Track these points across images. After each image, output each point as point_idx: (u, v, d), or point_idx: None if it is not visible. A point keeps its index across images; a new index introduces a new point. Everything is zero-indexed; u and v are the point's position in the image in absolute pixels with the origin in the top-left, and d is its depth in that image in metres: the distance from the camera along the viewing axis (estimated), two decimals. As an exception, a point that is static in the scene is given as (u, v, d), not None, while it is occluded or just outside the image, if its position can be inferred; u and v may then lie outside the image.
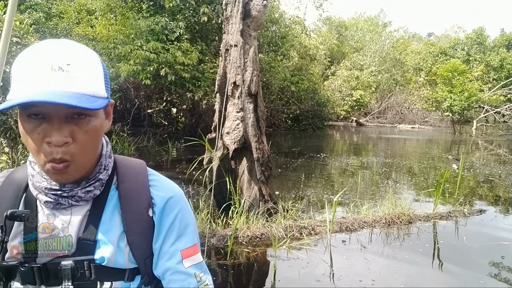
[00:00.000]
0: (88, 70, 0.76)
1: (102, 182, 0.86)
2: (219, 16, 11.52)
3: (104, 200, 0.86)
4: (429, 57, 31.79)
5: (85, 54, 0.77)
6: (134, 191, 0.88)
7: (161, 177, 0.94)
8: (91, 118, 0.78)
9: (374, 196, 6.66)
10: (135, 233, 0.85)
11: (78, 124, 0.76)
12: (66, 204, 0.82)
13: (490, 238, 4.85)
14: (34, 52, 0.74)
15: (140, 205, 0.86)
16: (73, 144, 0.76)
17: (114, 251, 0.83)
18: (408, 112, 27.51)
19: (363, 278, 3.66)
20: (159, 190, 0.90)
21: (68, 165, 0.77)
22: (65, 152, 0.75)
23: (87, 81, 0.75)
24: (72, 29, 13.32)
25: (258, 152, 4.96)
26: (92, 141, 0.80)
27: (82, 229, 0.82)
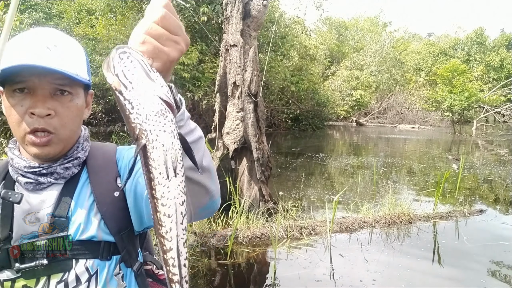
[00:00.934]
0: (73, 53, 0.83)
1: (80, 161, 0.89)
2: (219, 16, 11.52)
3: (77, 179, 0.88)
4: (429, 57, 31.79)
5: (70, 41, 0.85)
6: (102, 164, 0.91)
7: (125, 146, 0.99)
8: (73, 97, 0.83)
9: (374, 196, 6.66)
10: (106, 204, 0.86)
11: (61, 100, 0.81)
12: (46, 183, 0.84)
13: (490, 238, 4.85)
14: (23, 35, 0.82)
15: (108, 176, 0.89)
16: (55, 117, 0.80)
17: (85, 221, 0.84)
18: (408, 112, 27.51)
19: (363, 278, 3.66)
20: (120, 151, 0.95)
21: (51, 138, 0.80)
22: (48, 123, 0.79)
23: (72, 62, 0.81)
24: (72, 29, 13.32)
25: (258, 152, 4.96)
26: (73, 118, 0.84)
27: (54, 207, 0.83)
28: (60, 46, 0.80)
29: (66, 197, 0.85)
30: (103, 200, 0.86)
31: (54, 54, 0.77)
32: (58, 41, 0.81)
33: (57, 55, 0.78)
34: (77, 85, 0.84)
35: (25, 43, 0.79)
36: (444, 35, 43.90)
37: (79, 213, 0.84)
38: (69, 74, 0.77)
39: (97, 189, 0.87)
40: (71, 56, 0.82)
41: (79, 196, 0.86)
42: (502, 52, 30.64)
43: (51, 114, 0.79)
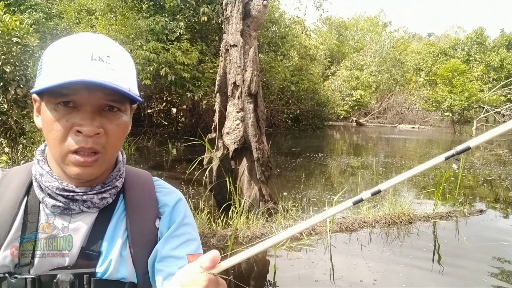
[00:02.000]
0: (126, 66, 0.75)
1: (117, 190, 0.81)
2: (219, 16, 11.52)
3: (112, 209, 0.80)
4: (429, 57, 31.78)
5: (122, 50, 0.77)
6: (141, 199, 0.83)
7: (166, 184, 0.91)
8: (122, 114, 0.76)
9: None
10: (139, 245, 0.79)
11: (109, 117, 0.73)
12: (77, 210, 0.76)
13: (490, 238, 4.85)
14: (71, 41, 0.72)
15: (146, 215, 0.82)
16: (104, 136, 0.73)
17: (116, 262, 0.76)
18: (408, 112, 27.50)
19: (363, 278, 3.66)
20: (166, 195, 0.86)
21: (97, 158, 0.73)
22: (96, 142, 0.72)
23: (125, 76, 0.73)
24: (72, 29, 13.33)
25: (258, 152, 4.96)
26: (121, 137, 0.77)
27: (86, 239, 0.76)
28: (113, 57, 0.72)
29: (100, 229, 0.77)
30: (137, 240, 0.78)
31: (108, 67, 0.70)
32: (111, 51, 0.73)
33: (111, 68, 0.70)
34: (126, 100, 0.76)
35: (74, 52, 0.70)
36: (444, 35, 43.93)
37: (112, 250, 0.77)
38: (123, 91, 0.70)
39: (134, 227, 0.79)
40: (124, 69, 0.74)
41: (114, 230, 0.79)
42: (502, 52, 30.63)
43: (100, 133, 0.72)
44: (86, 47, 0.70)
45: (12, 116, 3.98)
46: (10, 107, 4.01)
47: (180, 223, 0.83)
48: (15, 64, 3.86)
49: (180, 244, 0.79)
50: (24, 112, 4.11)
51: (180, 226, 0.82)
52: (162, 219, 0.82)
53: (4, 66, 3.75)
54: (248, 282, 3.68)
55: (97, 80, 0.67)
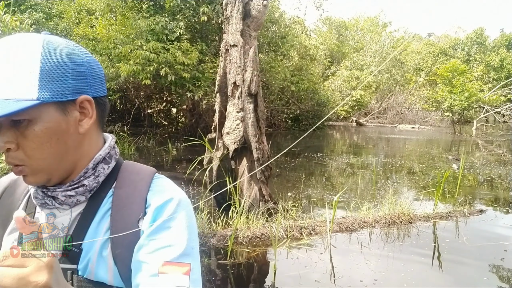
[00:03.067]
0: (8, 70, 0.66)
1: (86, 189, 0.77)
2: (219, 16, 11.52)
3: (97, 206, 0.78)
4: (429, 57, 31.80)
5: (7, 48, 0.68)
6: (129, 197, 0.78)
7: (167, 183, 0.84)
8: (34, 124, 0.68)
9: (374, 196, 6.66)
10: (121, 246, 0.74)
11: (19, 129, 0.69)
12: (50, 205, 0.78)
13: (490, 238, 4.85)
14: None
15: (131, 214, 0.76)
16: (19, 150, 0.70)
17: (94, 262, 0.73)
18: (408, 112, 27.50)
19: (363, 278, 3.66)
20: (157, 193, 0.79)
21: (21, 169, 0.72)
22: (12, 157, 0.70)
23: (6, 85, 0.65)
24: (72, 29, 13.32)
25: (258, 152, 4.96)
26: (39, 147, 0.70)
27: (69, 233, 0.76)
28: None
29: (83, 226, 0.76)
30: (119, 241, 0.74)
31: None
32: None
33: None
34: (33, 107, 0.66)
35: None
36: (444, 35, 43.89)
37: (92, 248, 0.75)
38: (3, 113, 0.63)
39: (116, 225, 0.76)
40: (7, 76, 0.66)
41: (97, 228, 0.76)
42: (502, 52, 30.64)
43: (10, 148, 0.69)
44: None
45: (12, 116, 3.98)
46: (10, 107, 4.02)
47: (162, 226, 0.74)
48: (15, 64, 3.87)
49: (156, 250, 0.71)
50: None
51: (161, 229, 0.74)
52: (144, 219, 0.75)
53: None
54: (248, 282, 3.68)
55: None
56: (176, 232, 0.74)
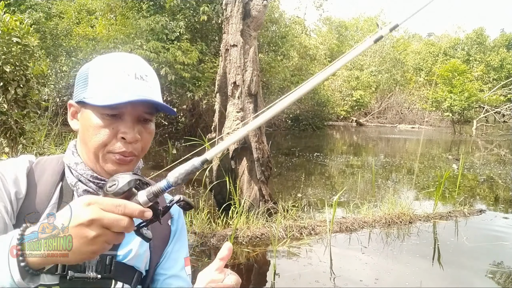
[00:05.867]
0: (157, 83, 0.90)
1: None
2: (219, 16, 11.52)
3: None
4: (429, 57, 31.78)
5: (152, 69, 0.91)
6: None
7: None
8: (151, 123, 0.89)
9: (374, 196, 6.66)
10: (157, 239, 0.92)
11: (144, 126, 0.87)
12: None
13: (490, 238, 4.85)
14: (115, 60, 0.85)
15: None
16: (140, 142, 0.86)
17: (137, 250, 0.88)
18: (408, 112, 27.51)
19: (363, 278, 3.66)
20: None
21: (133, 159, 0.86)
22: (135, 147, 0.85)
23: (157, 92, 0.88)
24: (72, 29, 13.32)
25: (258, 152, 4.96)
26: (150, 141, 0.90)
27: None
28: (149, 76, 0.86)
29: None
30: (156, 235, 0.89)
31: (147, 85, 0.84)
32: (147, 71, 0.87)
33: (149, 86, 0.85)
34: (155, 112, 0.89)
35: (121, 71, 0.83)
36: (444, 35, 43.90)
37: (133, 239, 0.88)
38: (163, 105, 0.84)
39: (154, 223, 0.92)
40: (156, 86, 0.89)
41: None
42: (502, 52, 30.63)
43: (138, 140, 0.85)
44: (130, 67, 0.84)
45: (12, 116, 3.97)
46: (10, 107, 4.01)
47: (182, 228, 1.01)
48: (15, 64, 3.86)
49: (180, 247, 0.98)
50: (24, 112, 4.10)
51: (182, 230, 1.01)
52: (173, 221, 0.99)
53: (4, 66, 3.75)
54: (247, 282, 3.68)
55: (143, 98, 0.80)
56: (185, 232, 1.03)
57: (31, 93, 4.07)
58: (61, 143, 7.69)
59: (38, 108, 4.30)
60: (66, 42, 13.17)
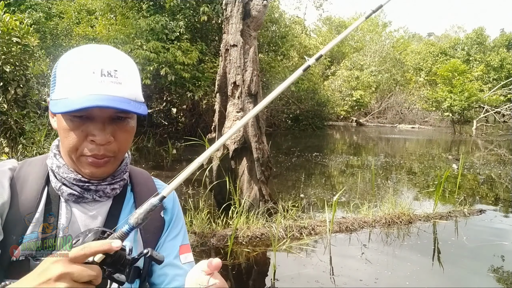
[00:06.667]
0: (131, 76, 0.82)
1: (125, 182, 0.92)
2: (219, 16, 11.52)
3: (122, 199, 0.92)
4: (429, 57, 31.77)
5: (128, 61, 0.83)
6: (147, 193, 0.92)
7: (160, 181, 1.04)
8: (129, 120, 0.84)
9: (374, 196, 6.66)
10: (149, 232, 0.92)
11: (119, 124, 0.82)
12: (90, 198, 0.86)
13: (490, 238, 4.85)
14: (81, 56, 0.79)
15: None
16: (114, 142, 0.81)
17: (131, 244, 0.87)
18: (408, 112, 27.50)
19: (363, 278, 3.66)
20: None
21: (109, 160, 0.82)
22: (107, 149, 0.81)
23: (131, 87, 0.80)
24: (72, 29, 13.32)
25: (258, 152, 4.96)
26: (129, 140, 0.86)
27: (103, 224, 0.86)
28: (120, 70, 0.79)
29: (114, 216, 0.88)
30: (148, 227, 0.90)
31: (116, 81, 0.77)
32: (118, 64, 0.79)
33: (119, 81, 0.78)
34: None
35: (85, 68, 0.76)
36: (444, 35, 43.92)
37: None
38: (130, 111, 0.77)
39: None
40: (130, 79, 0.81)
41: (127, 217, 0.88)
42: (502, 52, 30.60)
43: (110, 141, 0.80)
44: (95, 62, 0.77)
45: (12, 116, 3.97)
46: (10, 107, 4.01)
47: (177, 217, 0.99)
48: (15, 64, 3.86)
49: (175, 236, 0.96)
50: (24, 112, 4.11)
51: (176, 219, 0.99)
52: (165, 212, 0.97)
53: (4, 66, 3.75)
54: (247, 282, 3.68)
55: (108, 105, 0.74)
56: (181, 220, 1.01)
57: (31, 93, 4.07)
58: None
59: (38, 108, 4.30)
60: (66, 42, 13.16)
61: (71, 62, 0.78)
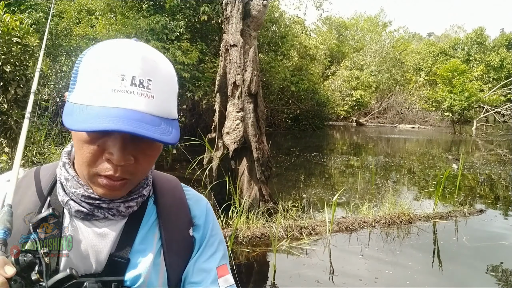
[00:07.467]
0: (167, 88, 0.68)
1: (143, 199, 0.78)
2: (219, 16, 11.52)
3: (141, 215, 0.78)
4: (429, 57, 31.76)
5: (166, 69, 0.69)
6: (173, 207, 0.81)
7: (191, 189, 0.90)
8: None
9: (374, 196, 6.66)
10: (174, 253, 0.78)
11: (142, 144, 0.68)
12: (101, 216, 0.74)
13: (490, 238, 4.85)
14: (112, 54, 0.65)
15: (180, 223, 0.80)
16: (134, 163, 0.68)
17: (149, 271, 0.74)
18: (408, 112, 27.50)
19: (363, 278, 3.66)
20: (197, 202, 0.86)
21: (125, 183, 0.70)
22: (125, 171, 0.68)
23: (165, 102, 0.67)
24: (72, 29, 13.32)
25: (258, 152, 4.96)
26: (152, 162, 0.73)
27: (115, 245, 0.74)
28: (155, 80, 0.65)
29: (129, 236, 0.75)
30: (173, 248, 0.77)
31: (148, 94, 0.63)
32: (153, 72, 0.65)
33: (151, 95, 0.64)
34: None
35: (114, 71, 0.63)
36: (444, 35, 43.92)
37: (143, 258, 0.74)
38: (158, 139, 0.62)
39: (168, 236, 0.77)
40: (165, 92, 0.67)
41: (146, 237, 0.76)
42: (502, 52, 30.60)
43: (130, 162, 0.67)
44: (127, 66, 0.63)
45: (12, 116, 3.97)
46: (10, 107, 4.01)
47: (211, 234, 0.83)
48: (15, 64, 3.86)
49: (210, 256, 0.81)
50: (24, 112, 4.11)
51: (211, 236, 0.83)
52: (196, 228, 0.82)
53: (4, 66, 3.75)
54: (247, 282, 3.68)
55: (130, 130, 0.59)
56: (218, 236, 0.85)
57: (31, 93, 4.07)
58: (61, 143, 7.70)
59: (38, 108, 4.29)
60: (66, 42, 13.16)
61: (98, 58, 0.65)
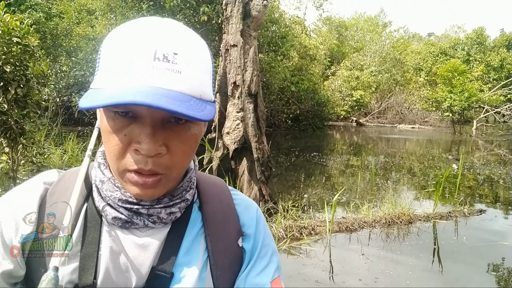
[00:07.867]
0: (198, 63, 0.59)
1: (187, 203, 0.69)
2: (219, 16, 11.53)
3: (185, 223, 0.69)
4: (429, 57, 31.78)
5: (196, 43, 0.61)
6: (221, 214, 0.72)
7: (240, 193, 0.81)
8: (192, 125, 0.61)
9: (373, 196, 6.66)
10: (222, 267, 0.69)
11: (175, 130, 0.59)
12: (140, 224, 0.65)
13: (490, 238, 4.85)
14: (130, 33, 0.58)
15: (228, 233, 0.72)
16: (167, 154, 0.59)
17: (195, 284, 0.66)
18: (408, 112, 27.51)
19: (363, 278, 3.66)
20: (246, 209, 0.76)
21: (159, 179, 0.60)
22: (157, 163, 0.59)
23: (195, 79, 0.58)
24: (72, 29, 13.33)
25: (258, 152, 4.96)
26: (189, 152, 0.63)
27: (157, 258, 0.65)
28: (181, 54, 0.56)
29: (172, 247, 0.66)
30: (220, 261, 0.69)
31: (173, 68, 0.55)
32: (179, 45, 0.57)
33: (177, 69, 0.56)
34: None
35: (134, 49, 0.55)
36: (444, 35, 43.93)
37: (188, 272, 0.66)
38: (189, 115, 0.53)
39: (216, 247, 0.69)
40: (196, 69, 0.58)
41: (191, 250, 0.68)
42: (502, 52, 30.61)
43: (162, 152, 0.58)
44: (148, 41, 0.56)
45: (12, 116, 3.97)
46: (10, 107, 4.01)
47: (263, 244, 0.74)
48: (15, 64, 3.86)
49: (262, 270, 0.72)
50: (24, 112, 4.11)
51: (262, 247, 0.74)
52: (245, 238, 0.73)
53: (4, 66, 3.75)
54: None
55: (155, 104, 0.51)
56: (270, 246, 0.75)
57: (31, 93, 4.07)
58: (61, 143, 7.70)
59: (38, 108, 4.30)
60: (66, 42, 13.18)
61: (117, 39, 0.58)
